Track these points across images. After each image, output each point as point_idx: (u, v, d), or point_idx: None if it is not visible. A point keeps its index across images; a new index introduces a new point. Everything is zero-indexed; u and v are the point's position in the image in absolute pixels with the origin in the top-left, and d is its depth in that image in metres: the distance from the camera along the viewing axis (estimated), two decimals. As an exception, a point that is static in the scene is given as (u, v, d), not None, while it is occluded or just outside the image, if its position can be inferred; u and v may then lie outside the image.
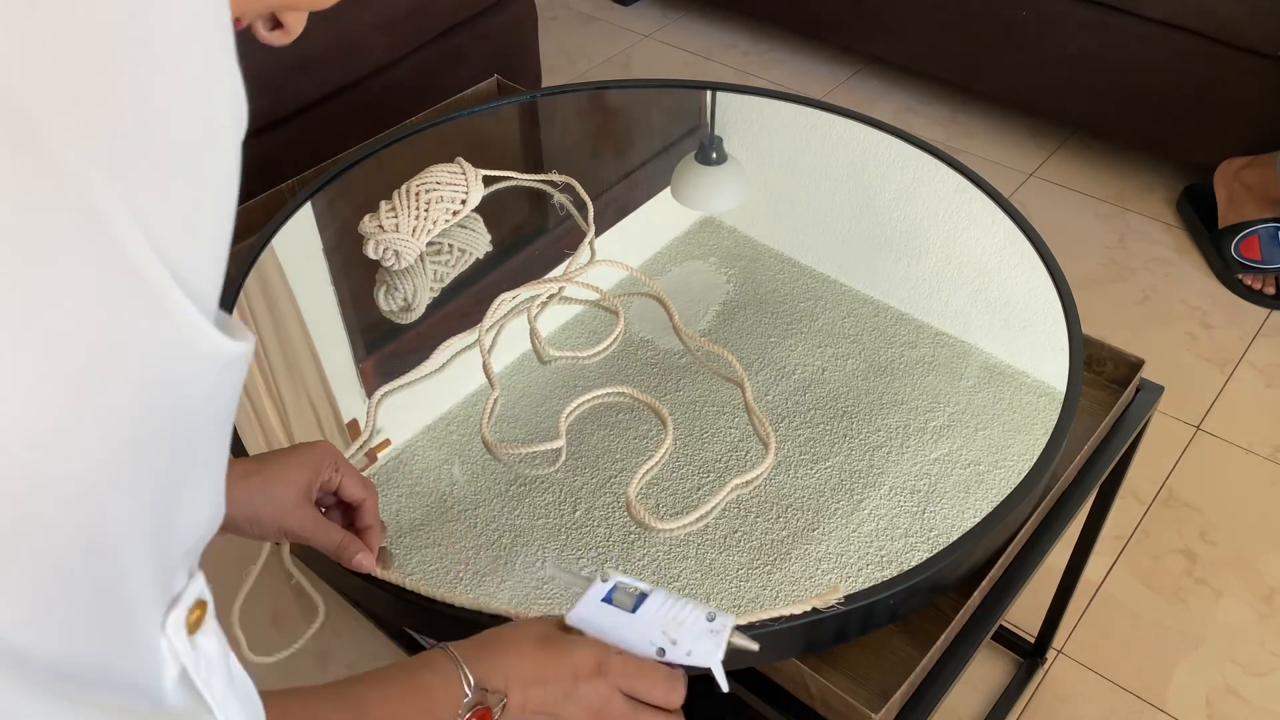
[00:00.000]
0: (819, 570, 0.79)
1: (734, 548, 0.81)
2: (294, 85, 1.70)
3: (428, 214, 1.08)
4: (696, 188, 1.22)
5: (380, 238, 1.06)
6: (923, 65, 2.33)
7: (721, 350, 0.97)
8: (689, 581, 0.78)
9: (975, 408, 0.92)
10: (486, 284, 1.07)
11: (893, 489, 0.85)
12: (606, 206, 1.17)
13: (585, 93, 1.35)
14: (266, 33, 0.51)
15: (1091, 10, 2.00)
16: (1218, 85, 1.93)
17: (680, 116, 1.32)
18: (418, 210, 1.08)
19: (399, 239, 1.06)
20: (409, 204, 1.08)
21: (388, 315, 1.04)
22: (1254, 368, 1.78)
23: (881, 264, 1.08)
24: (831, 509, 0.83)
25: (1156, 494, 1.58)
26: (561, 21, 2.71)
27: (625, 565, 0.80)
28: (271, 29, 0.52)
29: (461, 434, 0.91)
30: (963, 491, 0.84)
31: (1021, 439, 0.89)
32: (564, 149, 1.30)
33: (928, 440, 0.89)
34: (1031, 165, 2.22)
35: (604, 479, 0.86)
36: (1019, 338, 0.99)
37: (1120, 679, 1.36)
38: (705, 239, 1.12)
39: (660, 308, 1.03)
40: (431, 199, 1.09)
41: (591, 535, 0.82)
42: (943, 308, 1.02)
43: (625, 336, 1.00)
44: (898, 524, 0.82)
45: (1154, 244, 2.02)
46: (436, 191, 1.10)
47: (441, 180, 1.11)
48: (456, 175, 1.12)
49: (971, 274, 1.06)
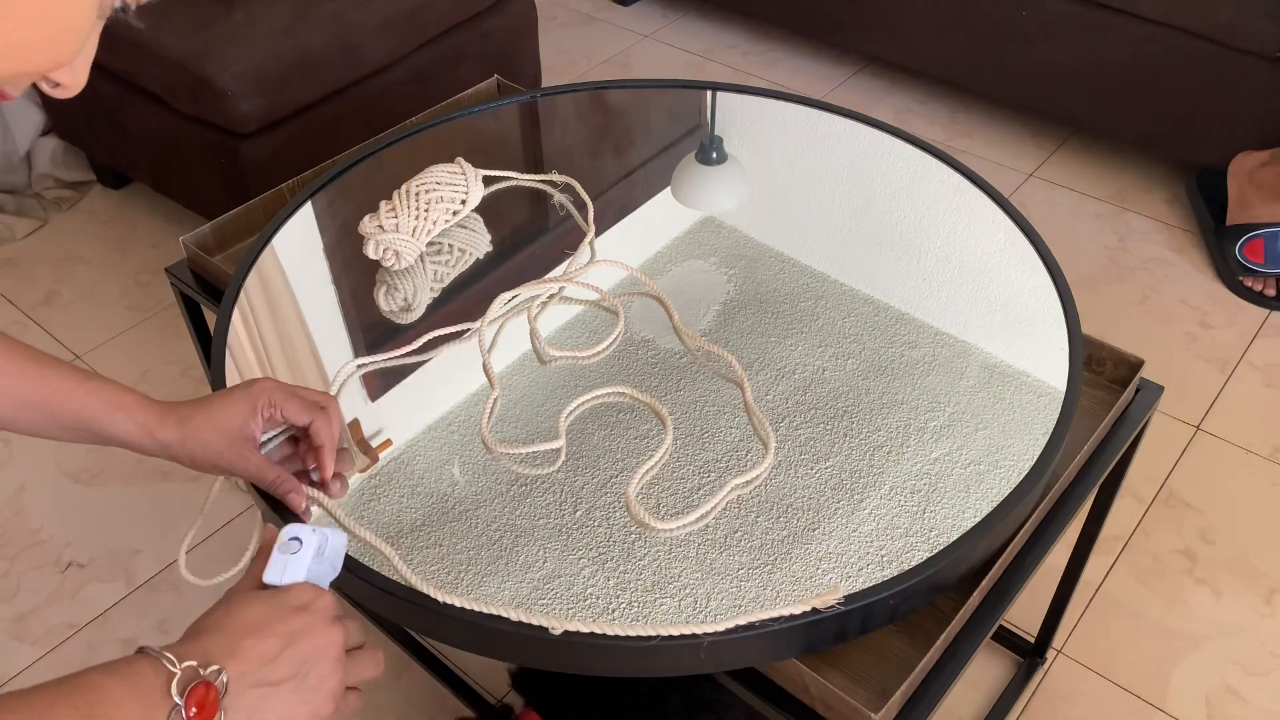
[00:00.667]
0: (819, 570, 0.79)
1: (734, 547, 0.81)
2: (294, 85, 1.70)
3: (428, 214, 1.08)
4: (697, 187, 1.22)
5: (380, 238, 1.07)
6: (923, 65, 2.33)
7: (721, 351, 0.97)
8: (689, 581, 0.78)
9: (975, 408, 0.92)
10: (487, 284, 1.07)
11: (893, 489, 0.85)
12: (607, 206, 1.17)
13: (585, 93, 1.35)
14: (49, 89, 0.51)
15: (1091, 10, 2.00)
16: (1217, 86, 1.93)
17: (680, 116, 1.32)
18: (418, 210, 1.08)
19: (399, 239, 1.06)
20: (409, 204, 1.08)
21: (388, 315, 1.04)
22: (1253, 368, 1.78)
23: (881, 264, 1.08)
24: (832, 509, 0.83)
25: (1156, 494, 1.58)
26: (561, 21, 2.71)
27: (626, 565, 0.80)
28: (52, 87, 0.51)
29: (462, 434, 0.91)
30: (963, 491, 0.84)
31: (1021, 439, 0.89)
32: (564, 149, 1.30)
33: (928, 440, 0.89)
34: (1031, 165, 2.22)
35: (604, 479, 0.86)
36: (1019, 338, 0.99)
37: (1120, 679, 1.36)
38: (705, 239, 1.12)
39: (660, 308, 1.03)
40: (432, 199, 1.09)
41: (592, 535, 0.82)
42: (943, 308, 1.02)
43: (625, 337, 1.00)
44: (898, 524, 0.82)
45: (1154, 244, 2.02)
46: (436, 191, 1.10)
47: (441, 180, 1.11)
48: (456, 175, 1.12)
49: (971, 274, 1.06)
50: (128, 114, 1.85)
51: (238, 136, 1.69)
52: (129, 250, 2.02)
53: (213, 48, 1.64)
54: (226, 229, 1.21)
